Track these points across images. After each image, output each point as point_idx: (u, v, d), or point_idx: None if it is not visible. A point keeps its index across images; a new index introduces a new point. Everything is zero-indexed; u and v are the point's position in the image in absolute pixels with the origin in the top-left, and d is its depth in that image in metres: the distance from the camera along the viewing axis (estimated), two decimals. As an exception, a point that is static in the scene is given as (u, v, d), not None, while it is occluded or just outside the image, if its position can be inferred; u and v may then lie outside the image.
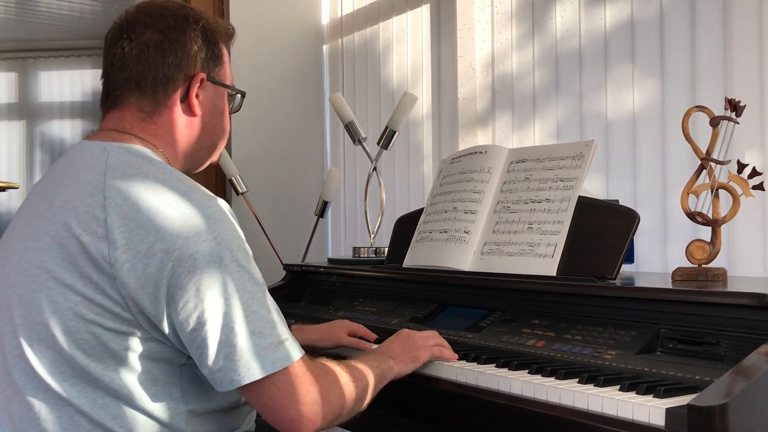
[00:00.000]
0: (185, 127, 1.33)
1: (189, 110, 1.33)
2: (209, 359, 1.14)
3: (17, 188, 3.16)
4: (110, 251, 1.13)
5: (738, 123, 1.56)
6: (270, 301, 1.21)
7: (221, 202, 1.22)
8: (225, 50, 1.40)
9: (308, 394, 1.18)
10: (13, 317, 1.19)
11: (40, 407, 1.16)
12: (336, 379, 1.26)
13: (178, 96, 1.31)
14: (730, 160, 1.55)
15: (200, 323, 1.14)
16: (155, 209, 1.15)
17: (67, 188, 1.21)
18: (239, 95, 1.45)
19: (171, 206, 1.16)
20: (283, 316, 1.22)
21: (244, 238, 1.22)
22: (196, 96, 1.32)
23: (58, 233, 1.17)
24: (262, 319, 1.16)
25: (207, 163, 1.44)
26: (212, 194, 1.23)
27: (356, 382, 1.30)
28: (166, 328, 1.16)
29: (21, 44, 6.11)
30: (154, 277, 1.13)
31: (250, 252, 1.22)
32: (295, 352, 1.19)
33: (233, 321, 1.14)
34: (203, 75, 1.33)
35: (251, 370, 1.14)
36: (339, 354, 1.69)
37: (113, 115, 1.32)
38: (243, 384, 1.14)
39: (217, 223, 1.17)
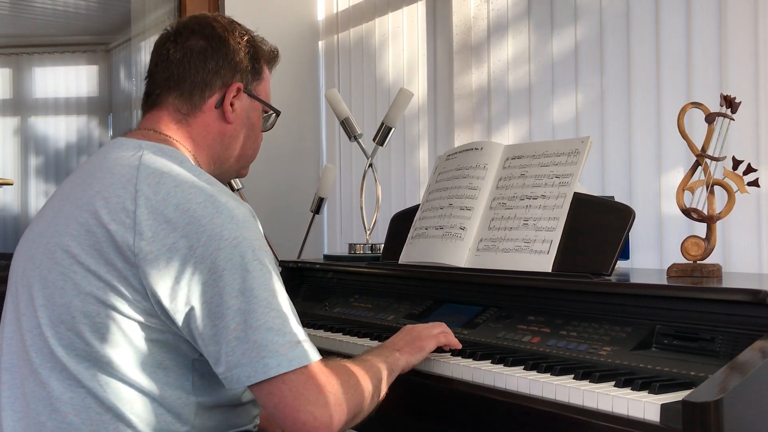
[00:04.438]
0: (218, 133, 1.39)
1: (223, 117, 1.38)
2: (227, 355, 1.15)
3: (12, 184, 3.16)
4: (136, 241, 1.17)
5: (733, 119, 1.56)
6: (289, 302, 1.21)
7: (246, 206, 1.25)
8: (266, 69, 1.47)
9: (320, 396, 1.17)
10: (34, 298, 1.22)
11: (54, 387, 1.19)
12: (353, 380, 1.26)
13: (213, 101, 1.37)
14: (726, 157, 1.56)
15: (219, 320, 1.15)
16: (184, 207, 1.18)
17: (101, 180, 1.25)
18: (274, 115, 1.50)
19: (199, 205, 1.19)
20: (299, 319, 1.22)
21: (265, 241, 1.24)
22: (231, 104, 1.38)
23: (87, 221, 1.21)
24: (281, 317, 1.17)
25: (234, 176, 1.49)
26: (238, 198, 1.26)
27: (372, 378, 1.30)
28: (180, 323, 1.17)
29: (15, 40, 6.09)
30: (176, 272, 1.16)
31: (272, 255, 1.24)
32: (313, 354, 1.19)
33: (252, 318, 1.15)
34: (240, 85, 1.39)
35: (267, 367, 1.14)
36: (343, 352, 1.69)
37: (151, 116, 1.37)
38: (258, 380, 1.14)
39: (240, 224, 1.19)
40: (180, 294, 1.16)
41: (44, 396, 1.19)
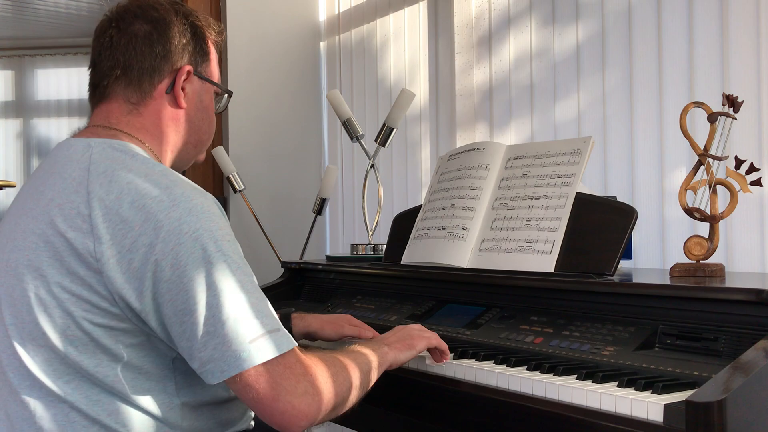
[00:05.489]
0: (171, 119, 1.33)
1: (174, 102, 1.33)
2: (198, 351, 1.12)
3: (14, 186, 3.16)
4: (96, 246, 1.13)
5: (736, 119, 1.56)
6: (259, 290, 1.18)
7: (206, 195, 1.21)
8: (213, 48, 1.41)
9: (299, 384, 1.14)
10: (3, 317, 1.19)
11: (36, 406, 1.16)
12: (335, 367, 1.23)
13: (164, 87, 1.32)
14: (728, 156, 1.55)
15: (187, 316, 1.12)
16: (139, 203, 1.14)
17: (53, 186, 1.21)
18: (226, 95, 1.46)
19: (154, 200, 1.15)
20: (273, 310, 1.20)
21: (230, 230, 1.20)
22: (182, 88, 1.33)
23: (44, 231, 1.17)
24: (252, 308, 1.14)
25: (191, 162, 1.44)
26: (198, 187, 1.22)
27: (357, 368, 1.28)
28: (153, 323, 1.15)
29: (18, 42, 6.10)
30: (139, 272, 1.12)
31: (238, 245, 1.20)
32: (287, 343, 1.16)
33: (220, 312, 1.11)
34: (190, 68, 1.33)
35: (240, 360, 1.11)
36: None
37: (100, 110, 1.32)
38: (233, 374, 1.11)
39: (199, 215, 1.15)
40: (146, 294, 1.13)
41: (27, 416, 1.16)
